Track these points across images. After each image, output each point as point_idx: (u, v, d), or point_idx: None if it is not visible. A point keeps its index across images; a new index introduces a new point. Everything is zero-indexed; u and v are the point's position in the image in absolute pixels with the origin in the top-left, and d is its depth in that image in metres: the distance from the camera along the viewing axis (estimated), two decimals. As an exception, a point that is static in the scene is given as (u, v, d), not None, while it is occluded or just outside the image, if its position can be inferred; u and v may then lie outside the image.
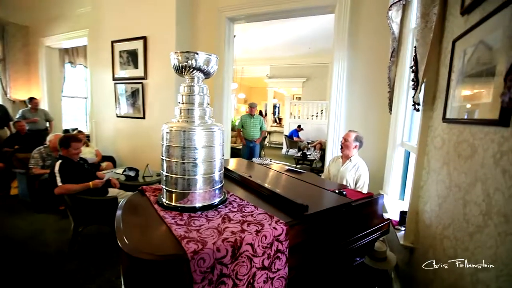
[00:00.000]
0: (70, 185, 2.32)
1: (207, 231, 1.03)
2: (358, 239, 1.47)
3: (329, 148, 3.07)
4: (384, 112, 2.69)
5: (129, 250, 0.94)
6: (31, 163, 3.31)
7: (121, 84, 4.19)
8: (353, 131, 2.38)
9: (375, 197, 1.59)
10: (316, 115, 8.58)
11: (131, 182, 3.08)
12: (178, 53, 1.21)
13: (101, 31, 4.32)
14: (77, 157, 2.58)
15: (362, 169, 2.27)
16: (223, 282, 0.97)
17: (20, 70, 6.01)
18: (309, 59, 8.75)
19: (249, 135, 4.88)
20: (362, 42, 2.85)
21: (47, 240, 2.65)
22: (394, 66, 2.40)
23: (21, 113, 5.05)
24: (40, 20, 5.70)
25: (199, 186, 1.23)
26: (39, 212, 3.29)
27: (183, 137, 1.19)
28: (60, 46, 5.87)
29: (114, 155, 4.39)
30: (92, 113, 4.85)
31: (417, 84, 1.51)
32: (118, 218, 1.18)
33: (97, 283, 2.04)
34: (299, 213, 1.23)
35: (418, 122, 2.10)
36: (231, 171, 1.88)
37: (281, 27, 5.97)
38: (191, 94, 1.26)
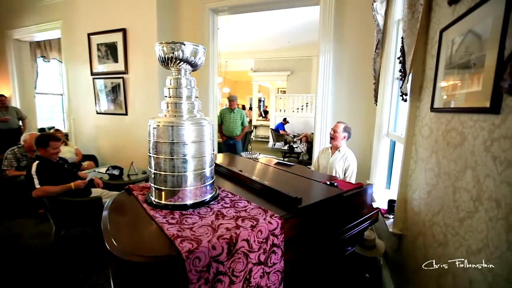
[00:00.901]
0: (49, 187, 2.19)
1: (201, 228, 1.00)
2: (350, 229, 1.49)
3: (316, 140, 3.09)
4: (369, 103, 2.73)
5: (118, 253, 0.89)
6: (4, 164, 3.10)
7: (100, 79, 3.98)
8: (341, 122, 2.41)
9: (365, 187, 1.62)
10: (301, 108, 8.64)
11: (115, 181, 2.96)
12: (163, 43, 1.14)
13: (76, 23, 4.07)
14: (56, 157, 2.44)
15: (351, 159, 2.31)
16: (220, 280, 0.94)
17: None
18: (293, 52, 8.75)
19: (228, 131, 4.45)
20: (347, 34, 2.86)
21: (26, 246, 2.50)
22: (379, 58, 2.43)
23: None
24: (5, 11, 5.26)
25: (190, 183, 1.18)
26: (16, 217, 3.09)
27: (172, 132, 1.13)
28: (31, 39, 5.47)
29: (96, 153, 4.20)
30: (70, 110, 4.60)
31: (404, 75, 1.52)
32: (105, 219, 1.12)
33: (84, 287, 1.96)
34: (293, 206, 1.22)
35: (404, 113, 2.15)
36: (220, 165, 1.85)
37: (264, 20, 5.91)
38: (179, 87, 1.20)
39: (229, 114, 4.46)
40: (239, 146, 4.54)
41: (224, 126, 4.47)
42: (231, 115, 4.45)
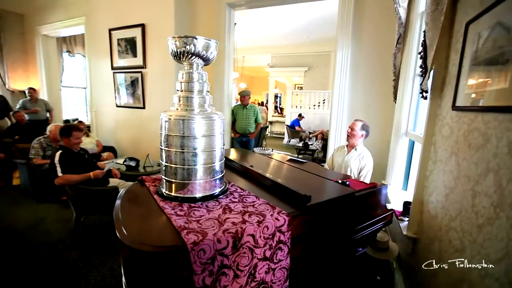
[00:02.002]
0: (70, 176, 2.30)
1: (208, 222, 1.01)
2: (361, 229, 1.45)
3: (331, 138, 3.02)
4: (388, 101, 2.63)
5: (128, 241, 0.92)
6: (31, 153, 3.29)
7: (120, 74, 4.11)
8: (359, 120, 2.33)
9: (379, 187, 1.56)
10: (318, 105, 8.48)
11: (131, 172, 3.06)
12: (176, 38, 1.15)
13: (98, 18, 4.21)
14: (77, 147, 2.56)
15: (367, 159, 2.24)
16: (224, 273, 0.95)
17: (18, 60, 5.92)
18: (311, 48, 8.57)
19: (241, 128, 4.19)
20: (366, 28, 2.75)
21: (49, 230, 2.66)
22: (400, 53, 2.32)
23: (22, 104, 5.00)
24: (35, 8, 5.55)
25: (199, 176, 1.20)
26: (41, 202, 3.30)
27: (182, 126, 1.15)
28: (57, 34, 5.74)
29: (115, 145, 4.36)
30: (92, 103, 4.80)
31: (425, 71, 1.44)
32: (117, 208, 1.16)
33: (100, 272, 2.06)
34: (302, 203, 1.20)
35: (424, 111, 2.05)
36: (232, 161, 1.85)
37: (281, 15, 5.81)
38: (190, 81, 1.21)
39: (241, 110, 4.21)
40: (252, 144, 4.32)
41: (237, 123, 4.22)
42: (243, 111, 4.20)
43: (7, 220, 2.84)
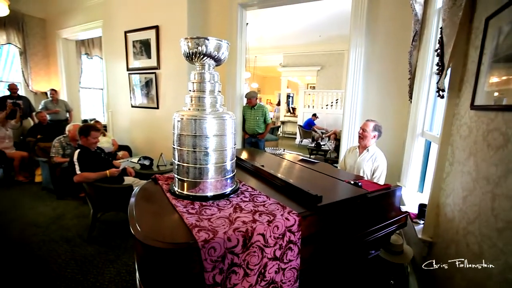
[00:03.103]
0: (88, 173, 2.39)
1: (218, 220, 1.02)
2: (374, 231, 1.43)
3: (344, 138, 2.98)
4: (403, 100, 2.56)
5: (141, 238, 0.95)
6: (52, 152, 3.44)
7: (135, 75, 4.23)
8: (371, 120, 2.28)
9: (392, 189, 1.53)
10: (331, 105, 8.37)
11: (145, 170, 3.14)
12: (188, 39, 1.17)
13: (114, 21, 4.34)
14: (94, 146, 2.65)
15: (380, 160, 2.19)
16: (234, 271, 0.96)
17: (40, 63, 6.20)
18: (324, 47, 8.46)
19: (250, 128, 4.19)
20: (381, 26, 2.69)
21: (68, 225, 2.77)
22: (416, 51, 2.25)
23: (43, 104, 5.24)
24: (55, 13, 5.80)
25: (211, 175, 1.21)
26: (61, 198, 3.44)
27: (194, 125, 1.17)
28: (76, 38, 5.98)
29: (130, 144, 4.49)
30: (109, 103, 4.96)
31: (442, 69, 1.40)
32: (132, 205, 1.19)
33: (115, 267, 2.12)
34: (313, 204, 1.19)
35: (441, 111, 1.99)
36: (243, 160, 1.86)
37: (294, 13, 5.77)
38: (202, 81, 1.23)
39: (249, 111, 4.20)
40: (261, 145, 4.32)
41: (246, 123, 4.24)
42: (251, 112, 4.19)
43: (31, 215, 2.98)
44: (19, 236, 2.54)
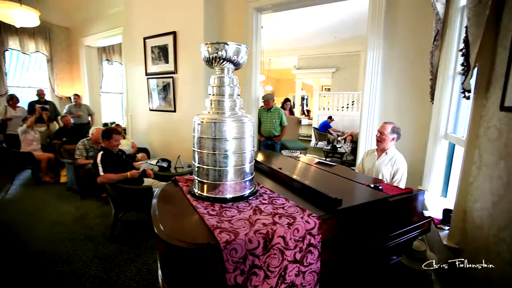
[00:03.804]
0: (110, 175, 2.48)
1: (239, 222, 1.04)
2: (395, 237, 1.39)
3: (362, 141, 2.92)
4: (424, 101, 2.48)
5: (165, 237, 0.98)
6: (76, 154, 3.61)
7: (153, 79, 4.36)
8: (389, 123, 2.23)
9: (415, 193, 1.48)
10: (347, 107, 8.23)
11: (164, 172, 3.22)
12: (208, 44, 1.20)
13: (134, 28, 4.51)
14: (116, 149, 2.75)
15: (400, 162, 2.13)
16: (255, 273, 0.96)
17: (64, 69, 6.54)
18: (339, 48, 8.36)
19: (266, 131, 4.21)
20: (400, 26, 2.63)
21: (91, 224, 2.89)
22: (438, 51, 2.18)
23: (67, 109, 5.51)
24: (79, 21, 6.12)
25: (230, 178, 1.23)
26: (84, 198, 3.60)
27: (214, 128, 1.19)
28: (98, 45, 6.26)
29: (148, 146, 4.62)
30: (128, 107, 5.14)
31: (467, 69, 1.35)
32: (154, 206, 1.23)
33: (136, 265, 2.19)
34: (332, 207, 1.18)
35: (466, 112, 1.91)
36: (260, 162, 1.87)
37: (308, 15, 5.74)
38: (221, 85, 1.26)
39: (265, 113, 4.24)
40: (277, 147, 4.32)
41: (262, 126, 4.26)
42: (268, 114, 4.22)
43: (57, 214, 3.13)
44: (47, 233, 2.68)
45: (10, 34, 5.43)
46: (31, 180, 4.36)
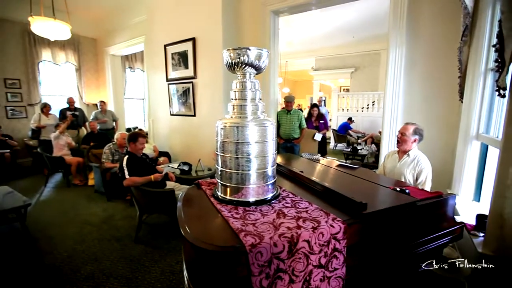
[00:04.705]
0: (136, 178, 2.58)
1: (263, 225, 1.04)
2: (424, 243, 1.33)
3: (384, 142, 2.83)
4: (451, 100, 2.37)
5: (191, 239, 1.00)
6: (103, 158, 3.79)
7: (173, 85, 4.49)
8: (410, 124, 2.14)
9: (445, 197, 1.41)
10: (367, 107, 8.01)
11: (185, 175, 3.30)
12: (231, 50, 1.22)
13: (155, 36, 4.68)
14: (141, 152, 2.86)
15: (424, 163, 2.03)
16: (280, 277, 0.96)
17: (91, 77, 6.93)
18: (357, 48, 8.17)
19: (285, 133, 4.22)
20: (424, 23, 2.53)
21: (118, 225, 3.01)
22: (467, 47, 2.07)
23: (94, 115, 5.81)
24: (105, 32, 6.47)
25: (253, 181, 1.24)
26: (110, 200, 3.76)
27: (237, 132, 1.21)
28: (122, 53, 6.58)
29: (169, 150, 4.75)
30: (150, 112, 5.33)
31: (502, 65, 1.27)
32: (179, 209, 1.26)
33: (160, 266, 2.25)
34: (357, 211, 1.15)
35: (501, 110, 1.80)
36: (280, 165, 1.87)
37: (324, 16, 5.67)
38: (244, 90, 1.27)
39: (285, 115, 4.24)
40: (297, 150, 4.31)
41: (281, 128, 4.27)
42: (287, 117, 4.23)
43: (86, 215, 3.30)
44: (77, 233, 2.83)
45: (43, 47, 5.85)
46: (62, 183, 4.63)
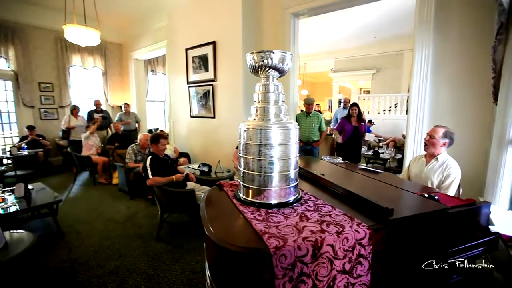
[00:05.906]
0: (158, 178, 2.67)
1: (286, 228, 1.04)
2: (454, 253, 1.26)
3: (409, 146, 2.72)
4: (484, 102, 2.24)
5: (215, 239, 1.01)
6: (126, 158, 3.95)
7: (194, 87, 4.60)
8: (441, 126, 2.04)
9: (478, 205, 1.34)
10: (389, 110, 7.73)
11: (205, 176, 3.36)
12: (254, 53, 1.24)
13: (177, 40, 4.82)
14: (163, 153, 2.95)
15: (453, 168, 1.93)
16: (303, 281, 0.95)
17: (116, 81, 7.26)
18: (379, 48, 7.93)
19: (304, 136, 4.17)
20: (453, 20, 2.41)
21: (140, 223, 3.12)
22: (502, 45, 1.95)
23: (118, 116, 6.08)
24: (129, 37, 6.76)
25: (275, 183, 1.24)
26: (133, 199, 3.91)
27: (260, 135, 1.21)
28: (145, 57, 6.85)
29: (189, 151, 4.86)
30: (170, 114, 5.48)
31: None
32: (203, 209, 1.29)
33: (180, 265, 2.30)
34: (383, 217, 1.12)
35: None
36: (301, 168, 1.85)
37: (344, 16, 5.56)
38: (267, 92, 1.28)
39: (304, 118, 4.22)
40: (316, 152, 4.26)
41: (300, 131, 4.18)
42: (307, 119, 4.20)
43: (111, 212, 3.45)
44: (103, 230, 2.96)
45: (74, 53, 6.21)
46: (89, 181, 4.88)
